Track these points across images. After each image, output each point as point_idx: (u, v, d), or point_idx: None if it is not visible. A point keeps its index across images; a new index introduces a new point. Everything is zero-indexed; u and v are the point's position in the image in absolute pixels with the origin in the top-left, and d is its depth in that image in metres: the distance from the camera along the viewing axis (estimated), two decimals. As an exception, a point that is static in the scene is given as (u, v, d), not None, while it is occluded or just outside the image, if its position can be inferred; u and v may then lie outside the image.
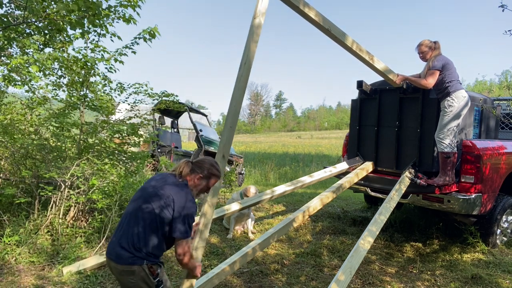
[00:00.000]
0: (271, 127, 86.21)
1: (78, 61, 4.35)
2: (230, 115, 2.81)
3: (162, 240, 2.04)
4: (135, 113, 5.18)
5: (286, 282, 3.41)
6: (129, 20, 4.35)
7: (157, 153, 8.82)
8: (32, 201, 4.09)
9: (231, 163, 8.80)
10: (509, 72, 34.58)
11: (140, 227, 1.98)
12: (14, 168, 4.57)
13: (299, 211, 3.91)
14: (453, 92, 3.88)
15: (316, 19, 3.19)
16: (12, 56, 4.55)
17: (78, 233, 3.93)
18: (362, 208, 6.46)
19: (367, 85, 4.71)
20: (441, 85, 3.93)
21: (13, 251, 3.48)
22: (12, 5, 4.16)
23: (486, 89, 30.02)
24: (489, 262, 3.98)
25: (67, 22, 3.57)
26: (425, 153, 4.19)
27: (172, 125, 10.19)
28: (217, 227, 4.95)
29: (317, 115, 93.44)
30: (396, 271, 3.76)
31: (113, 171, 4.14)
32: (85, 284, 3.14)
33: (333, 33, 3.36)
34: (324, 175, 4.59)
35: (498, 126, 5.11)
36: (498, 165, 4.18)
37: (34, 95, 4.87)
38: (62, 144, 4.69)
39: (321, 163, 13.88)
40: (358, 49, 3.63)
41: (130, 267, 1.95)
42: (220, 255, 4.01)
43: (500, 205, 4.30)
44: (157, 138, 7.21)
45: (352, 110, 5.12)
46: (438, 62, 3.91)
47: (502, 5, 3.08)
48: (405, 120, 4.40)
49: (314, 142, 34.91)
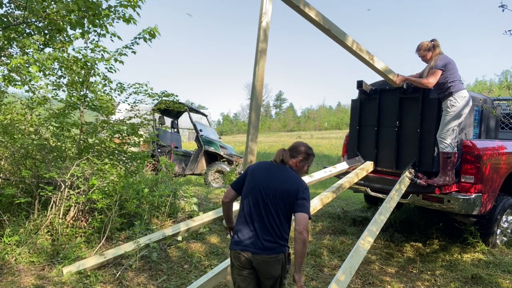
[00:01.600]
0: (271, 127, 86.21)
1: (78, 61, 4.35)
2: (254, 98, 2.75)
3: (290, 224, 2.18)
4: (135, 113, 5.18)
5: (286, 282, 3.41)
6: (129, 20, 4.34)
7: (157, 153, 8.82)
8: (32, 201, 4.09)
9: (231, 163, 8.80)
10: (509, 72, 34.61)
11: (274, 216, 2.10)
12: (14, 168, 4.57)
13: (299, 211, 3.91)
14: (455, 92, 3.88)
15: (317, 19, 3.19)
16: (12, 56, 4.55)
17: (78, 233, 3.93)
18: (362, 208, 6.46)
19: (367, 85, 4.71)
20: (444, 85, 3.92)
21: (13, 251, 3.48)
22: (12, 5, 4.16)
23: (486, 89, 30.03)
24: (489, 262, 3.98)
25: (67, 22, 3.57)
26: (425, 153, 4.19)
27: (172, 125, 10.19)
28: (217, 227, 4.95)
29: (317, 115, 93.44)
30: (396, 271, 3.76)
31: (113, 171, 4.13)
32: (85, 284, 3.14)
33: (333, 32, 3.36)
34: (324, 175, 4.59)
35: (498, 126, 5.11)
36: (498, 165, 4.18)
37: (34, 95, 4.87)
38: (62, 144, 4.69)
39: (321, 163, 13.88)
40: (358, 49, 3.64)
41: (277, 256, 2.08)
42: (220, 255, 4.01)
43: (500, 205, 4.30)
44: (157, 138, 7.22)
45: (352, 110, 5.12)
46: (441, 62, 3.91)
47: (502, 5, 3.09)
48: (405, 120, 4.40)
49: (314, 142, 34.88)
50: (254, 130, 2.70)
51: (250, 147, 2.66)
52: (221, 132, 57.84)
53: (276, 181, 2.16)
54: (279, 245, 2.09)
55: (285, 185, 2.14)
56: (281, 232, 2.10)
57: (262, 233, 2.09)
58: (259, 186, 2.17)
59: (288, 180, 2.17)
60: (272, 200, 2.12)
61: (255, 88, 2.70)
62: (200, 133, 8.94)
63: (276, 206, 2.11)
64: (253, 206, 2.15)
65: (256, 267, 2.10)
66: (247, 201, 2.18)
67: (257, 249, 2.07)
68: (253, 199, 2.16)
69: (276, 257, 2.08)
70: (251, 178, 2.25)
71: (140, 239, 3.62)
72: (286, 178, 2.18)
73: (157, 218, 4.78)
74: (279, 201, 2.11)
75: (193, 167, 8.92)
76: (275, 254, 2.07)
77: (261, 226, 2.10)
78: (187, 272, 3.55)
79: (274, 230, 2.09)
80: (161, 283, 3.27)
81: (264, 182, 2.17)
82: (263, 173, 2.23)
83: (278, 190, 2.13)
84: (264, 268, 2.09)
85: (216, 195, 6.98)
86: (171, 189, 5.04)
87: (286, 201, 2.11)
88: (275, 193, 2.12)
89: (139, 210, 4.44)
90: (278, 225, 2.10)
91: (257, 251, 2.06)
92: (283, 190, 2.12)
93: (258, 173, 2.24)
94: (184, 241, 4.26)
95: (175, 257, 3.86)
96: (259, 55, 2.70)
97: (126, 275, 3.31)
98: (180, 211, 5.06)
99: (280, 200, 2.11)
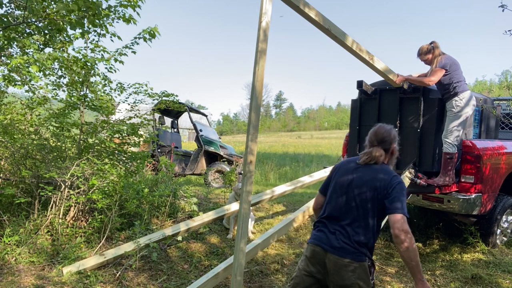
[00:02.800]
0: (271, 127, 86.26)
1: (78, 61, 4.35)
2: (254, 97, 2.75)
3: (376, 236, 1.96)
4: (135, 113, 5.18)
5: (286, 282, 3.41)
6: (129, 20, 4.35)
7: (157, 153, 8.82)
8: (32, 201, 4.09)
9: (231, 163, 8.80)
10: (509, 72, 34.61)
11: (360, 220, 1.92)
12: (14, 168, 4.57)
13: (299, 211, 3.92)
14: (460, 92, 3.88)
15: (316, 19, 3.19)
16: (12, 56, 4.55)
17: (78, 233, 3.93)
18: (362, 208, 6.45)
19: (367, 85, 4.71)
20: (449, 86, 3.92)
21: (13, 251, 3.48)
22: (12, 5, 4.16)
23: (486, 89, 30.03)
24: (489, 262, 3.98)
25: (67, 22, 3.57)
26: (425, 153, 4.19)
27: (172, 125, 10.19)
28: (217, 227, 4.96)
29: (317, 115, 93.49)
30: (396, 271, 3.76)
31: (113, 171, 4.14)
32: (85, 284, 3.14)
33: (333, 32, 3.36)
34: (324, 175, 4.60)
35: (498, 126, 5.11)
36: (498, 165, 4.18)
37: (34, 95, 4.87)
38: (62, 144, 4.69)
39: (321, 163, 13.90)
40: (358, 49, 3.63)
41: (352, 262, 1.86)
42: (220, 255, 4.02)
43: (500, 205, 4.30)
44: (157, 138, 7.22)
45: (352, 110, 5.12)
46: (445, 62, 3.90)
47: (502, 5, 3.09)
48: (405, 120, 4.40)
49: (314, 142, 34.90)
50: (254, 130, 2.70)
51: (250, 147, 2.66)
52: (221, 132, 57.83)
53: (364, 179, 1.99)
54: (358, 252, 1.87)
55: (373, 183, 1.95)
56: (364, 237, 1.89)
57: (343, 235, 1.91)
58: (344, 185, 2.03)
59: (377, 175, 1.97)
60: (358, 200, 1.95)
61: (255, 88, 2.70)
62: (200, 133, 8.95)
63: (362, 207, 1.93)
64: (338, 205, 2.01)
65: (328, 270, 1.91)
66: (332, 199, 2.05)
67: (333, 249, 1.90)
68: (336, 198, 2.03)
69: (351, 263, 1.85)
70: (338, 176, 2.11)
71: (140, 239, 3.62)
72: (375, 174, 1.99)
73: (157, 218, 4.78)
74: (366, 202, 1.93)
75: (193, 167, 8.93)
76: (350, 260, 1.86)
77: (344, 226, 1.93)
78: (187, 272, 3.55)
79: (357, 233, 1.90)
80: (161, 283, 3.27)
81: (349, 182, 2.02)
82: (348, 173, 2.07)
83: (363, 189, 1.95)
84: (335, 271, 1.88)
85: (216, 195, 6.98)
86: (171, 189, 5.04)
87: (375, 201, 1.91)
88: (360, 193, 1.95)
89: (139, 210, 4.44)
90: (362, 228, 1.90)
91: (332, 251, 1.90)
92: (371, 188, 1.93)
93: (343, 172, 2.10)
94: (184, 241, 4.26)
95: (175, 257, 3.86)
96: (259, 55, 2.70)
97: (126, 275, 3.31)
98: (180, 211, 5.06)
99: (366, 200, 1.93)
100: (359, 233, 1.90)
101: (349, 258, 1.86)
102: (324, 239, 1.96)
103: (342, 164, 2.20)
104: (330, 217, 2.02)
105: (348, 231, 1.92)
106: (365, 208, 1.94)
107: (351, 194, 1.99)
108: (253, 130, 2.67)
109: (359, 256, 1.87)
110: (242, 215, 2.54)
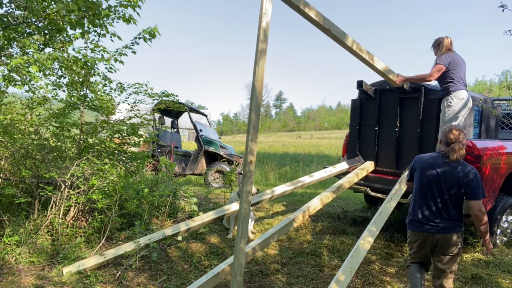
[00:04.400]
0: (271, 127, 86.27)
1: (78, 61, 4.35)
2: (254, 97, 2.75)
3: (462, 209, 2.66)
4: (135, 113, 5.18)
5: (286, 282, 3.41)
6: (129, 20, 4.34)
7: (157, 153, 8.83)
8: (32, 201, 4.09)
9: (231, 163, 8.80)
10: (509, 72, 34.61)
11: (451, 202, 2.60)
12: (14, 168, 4.57)
13: (299, 211, 3.91)
14: (453, 91, 3.88)
15: (316, 19, 3.19)
16: (12, 56, 4.54)
17: (78, 233, 3.93)
18: (362, 208, 6.46)
19: (367, 85, 4.72)
20: (444, 83, 3.93)
21: (13, 251, 3.48)
22: (12, 5, 4.16)
23: (486, 89, 30.03)
24: (489, 262, 3.98)
25: (67, 22, 3.57)
26: (425, 153, 4.19)
27: (172, 125, 10.20)
28: (217, 227, 4.96)
29: (317, 115, 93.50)
30: (396, 271, 3.75)
31: (113, 171, 4.14)
32: (85, 284, 3.14)
33: (333, 32, 3.36)
34: (324, 175, 4.60)
35: (498, 126, 5.11)
36: (498, 165, 4.18)
37: (34, 95, 4.87)
38: (62, 144, 4.69)
39: (321, 163, 13.89)
40: (358, 49, 3.63)
41: (452, 235, 2.59)
42: (220, 255, 4.01)
43: (500, 205, 4.30)
44: (157, 138, 7.22)
45: (352, 110, 5.12)
46: (445, 58, 3.90)
47: (502, 5, 3.09)
48: (405, 120, 4.40)
49: (314, 142, 34.90)
50: (254, 130, 2.70)
51: (250, 147, 2.66)
52: (221, 132, 57.80)
53: (448, 174, 2.60)
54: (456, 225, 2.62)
55: (453, 175, 2.58)
56: (455, 215, 2.62)
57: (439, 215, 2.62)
58: (436, 178, 2.63)
59: (456, 167, 2.59)
60: (450, 190, 2.58)
61: (255, 88, 2.70)
62: (200, 133, 8.95)
63: (450, 195, 2.58)
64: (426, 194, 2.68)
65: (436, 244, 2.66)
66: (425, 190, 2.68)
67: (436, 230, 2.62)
68: (432, 189, 2.65)
69: (452, 235, 2.61)
70: (422, 172, 2.73)
71: (140, 239, 3.62)
72: (455, 166, 2.60)
73: (157, 218, 4.78)
74: (453, 191, 2.57)
75: (193, 167, 8.93)
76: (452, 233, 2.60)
77: (437, 210, 2.63)
78: (187, 272, 3.55)
79: (450, 213, 2.60)
80: (161, 283, 3.27)
81: (439, 174, 2.62)
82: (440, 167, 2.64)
83: (451, 182, 2.58)
84: (442, 245, 2.63)
85: (216, 195, 6.98)
86: (171, 189, 5.04)
87: (462, 189, 2.55)
88: (452, 186, 2.58)
89: (139, 210, 4.44)
90: (453, 210, 2.61)
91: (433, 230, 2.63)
92: (458, 183, 2.56)
93: (430, 167, 2.69)
94: (184, 241, 4.26)
95: (175, 257, 3.86)
96: (259, 55, 2.70)
97: (126, 275, 3.31)
98: (180, 211, 5.06)
99: (454, 189, 2.57)
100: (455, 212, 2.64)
101: (451, 233, 2.63)
102: (430, 223, 2.68)
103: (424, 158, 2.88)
104: (424, 205, 2.74)
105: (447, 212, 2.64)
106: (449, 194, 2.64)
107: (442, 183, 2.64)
108: (253, 130, 2.67)
109: (456, 229, 2.65)
110: (242, 215, 2.54)
